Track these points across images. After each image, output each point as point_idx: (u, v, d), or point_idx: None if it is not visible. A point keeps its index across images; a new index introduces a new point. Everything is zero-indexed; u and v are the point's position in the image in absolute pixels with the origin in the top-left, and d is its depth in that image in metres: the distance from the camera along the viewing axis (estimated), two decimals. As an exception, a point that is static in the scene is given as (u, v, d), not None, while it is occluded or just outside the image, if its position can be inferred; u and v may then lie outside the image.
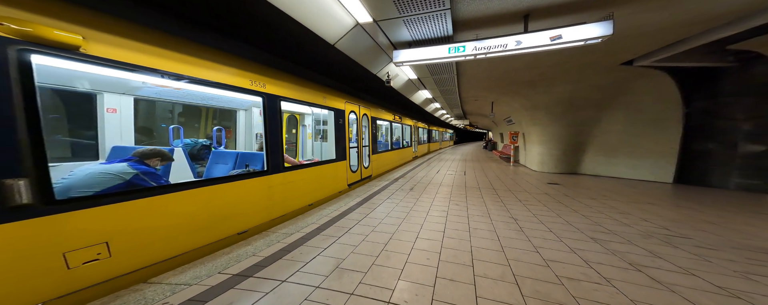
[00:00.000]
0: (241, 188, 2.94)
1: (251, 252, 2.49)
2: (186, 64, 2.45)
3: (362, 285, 2.01)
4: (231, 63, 2.99)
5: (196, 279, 1.99)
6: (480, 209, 4.18)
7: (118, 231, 1.96)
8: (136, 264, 2.05)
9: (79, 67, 2.00)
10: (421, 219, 3.57)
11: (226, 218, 2.75)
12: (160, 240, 2.18)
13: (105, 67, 1.96)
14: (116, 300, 1.74)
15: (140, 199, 2.07)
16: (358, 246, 2.70)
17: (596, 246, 2.81)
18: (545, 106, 8.19)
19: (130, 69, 2.07)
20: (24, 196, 1.58)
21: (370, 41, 4.69)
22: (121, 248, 1.97)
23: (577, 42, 3.46)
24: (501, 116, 14.02)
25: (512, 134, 11.17)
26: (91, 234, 1.84)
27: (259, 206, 3.20)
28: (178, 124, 4.90)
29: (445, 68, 6.58)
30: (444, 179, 7.05)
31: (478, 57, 4.09)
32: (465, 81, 7.93)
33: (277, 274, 2.11)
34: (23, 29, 1.59)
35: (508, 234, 3.13)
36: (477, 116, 19.34)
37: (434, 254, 2.59)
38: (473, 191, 5.55)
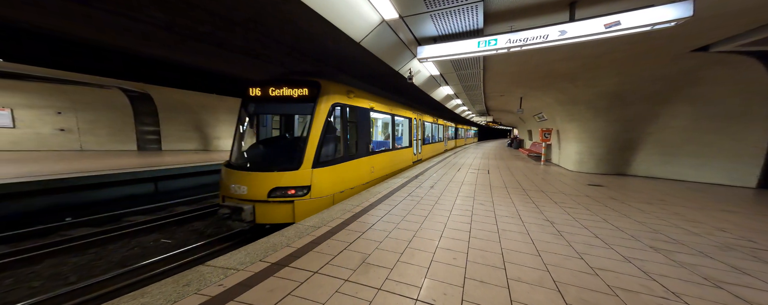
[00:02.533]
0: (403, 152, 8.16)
1: (285, 243, 2.63)
2: (388, 108, 7.00)
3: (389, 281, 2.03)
4: (401, 106, 7.95)
5: (243, 264, 2.18)
6: (508, 210, 3.97)
7: (375, 163, 6.08)
8: (380, 176, 6.34)
9: (377, 113, 6.38)
10: (443, 219, 3.50)
11: (395, 164, 7.45)
12: (386, 167, 6.68)
13: (374, 112, 6.07)
14: (183, 278, 1.97)
15: (380, 154, 6.41)
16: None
17: (657, 257, 2.51)
18: (586, 101, 7.48)
19: (377, 112, 6.33)
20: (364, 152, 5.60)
21: (394, 38, 4.64)
22: (376, 168, 6.14)
23: (641, 28, 3.08)
24: (531, 112, 13.13)
25: (544, 131, 10.40)
26: (372, 162, 5.92)
27: (398, 161, 7.83)
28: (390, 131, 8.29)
29: (471, 63, 6.36)
30: (466, 178, 6.80)
31: (511, 50, 3.88)
32: (491, 76, 7.58)
33: (309, 265, 2.22)
34: (351, 101, 5.01)
35: (543, 238, 2.93)
36: (501, 112, 18.42)
37: (461, 254, 2.52)
38: (499, 191, 5.29)
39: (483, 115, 20.07)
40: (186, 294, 1.78)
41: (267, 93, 4.40)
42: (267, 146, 4.88)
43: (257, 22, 4.25)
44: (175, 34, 4.73)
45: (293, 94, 4.38)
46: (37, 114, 11.02)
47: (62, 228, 4.92)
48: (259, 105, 4.70)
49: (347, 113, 4.94)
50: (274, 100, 4.43)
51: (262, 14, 3.92)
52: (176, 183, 7.89)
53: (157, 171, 7.38)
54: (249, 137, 4.94)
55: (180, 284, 1.90)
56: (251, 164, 4.33)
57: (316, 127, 4.27)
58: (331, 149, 4.55)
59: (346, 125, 4.95)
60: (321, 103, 4.38)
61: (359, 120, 5.37)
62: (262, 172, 3.95)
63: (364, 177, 5.59)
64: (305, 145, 4.16)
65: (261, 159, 4.49)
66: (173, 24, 4.41)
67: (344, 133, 4.91)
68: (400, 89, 10.22)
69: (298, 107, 4.64)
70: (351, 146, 5.11)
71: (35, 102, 10.87)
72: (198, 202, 7.00)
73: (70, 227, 5.01)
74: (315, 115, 4.31)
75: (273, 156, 4.61)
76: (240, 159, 4.49)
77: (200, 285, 1.89)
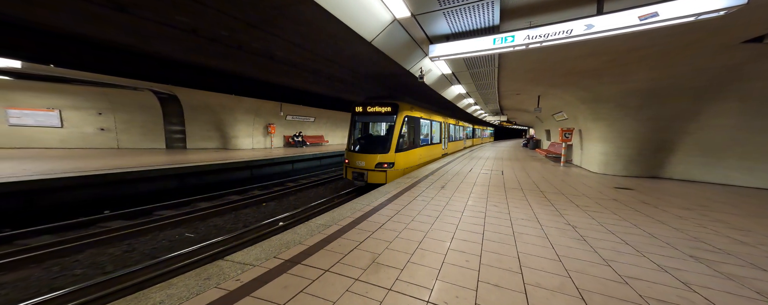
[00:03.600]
0: (437, 147, 11.11)
1: (297, 240, 2.69)
2: (445, 116, 12.15)
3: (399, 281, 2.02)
4: (436, 114, 11.09)
5: (258, 260, 2.25)
6: (525, 212, 3.81)
7: (423, 152, 9.04)
8: (425, 161, 9.28)
9: (424, 120, 9.12)
10: (455, 220, 3.42)
11: (431, 155, 10.21)
12: (428, 156, 9.66)
13: (422, 119, 8.81)
14: (205, 272, 2.07)
15: (425, 147, 9.26)
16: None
17: (699, 267, 2.31)
18: (614, 98, 7.01)
19: (424, 120, 8.98)
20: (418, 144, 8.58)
21: (405, 36, 4.64)
22: (423, 156, 9.12)
23: (683, 19, 2.82)
24: (549, 111, 12.52)
25: (564, 131, 9.88)
26: (421, 152, 8.79)
27: (434, 153, 10.51)
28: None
29: (485, 61, 6.17)
30: (478, 178, 6.61)
31: (530, 46, 3.72)
32: (507, 74, 7.30)
33: (320, 263, 2.25)
34: (413, 113, 7.93)
35: (564, 243, 2.78)
36: (517, 111, 17.72)
37: (474, 256, 2.45)
38: (515, 192, 5.09)
39: (497, 114, 19.47)
40: (207, 288, 1.87)
41: (366, 109, 7.72)
42: (373, 139, 8.27)
43: (272, 24, 4.37)
44: (199, 37, 4.98)
45: (383, 110, 7.56)
46: (81, 115, 12.10)
47: (101, 220, 5.36)
48: (363, 116, 7.95)
49: (411, 121, 7.99)
50: (372, 113, 7.74)
51: (276, 16, 4.02)
52: (207, 178, 8.37)
53: (187, 168, 7.85)
54: (359, 135, 8.39)
55: (201, 277, 2.00)
56: (366, 148, 7.64)
57: (397, 130, 7.31)
58: (403, 142, 7.59)
59: (410, 128, 7.95)
60: (399, 115, 7.41)
61: (416, 125, 8.41)
62: (372, 154, 7.21)
63: (418, 161, 8.75)
64: (392, 139, 7.26)
65: (371, 147, 7.67)
66: (198, 28, 4.65)
67: (409, 132, 7.92)
68: (410, 89, 10.19)
69: (386, 118, 7.70)
70: (415, 140, 8.38)
71: (80, 104, 11.93)
72: (219, 199, 7.35)
73: (108, 219, 5.45)
74: (396, 123, 7.35)
75: (377, 145, 7.60)
76: (359, 147, 7.78)
77: (219, 280, 1.97)
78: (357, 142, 7.96)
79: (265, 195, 7.47)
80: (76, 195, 5.98)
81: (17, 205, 5.28)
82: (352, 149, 7.66)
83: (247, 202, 6.76)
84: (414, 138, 8.25)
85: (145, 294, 1.80)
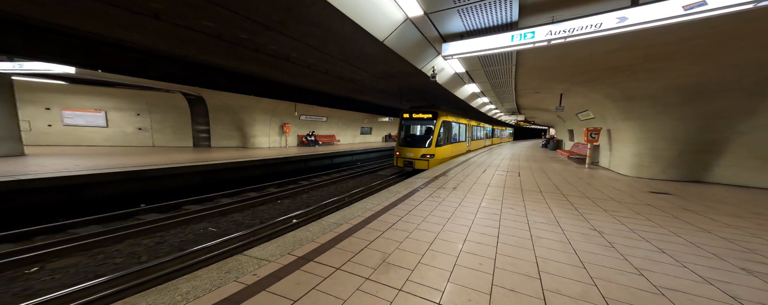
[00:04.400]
0: (463, 144, 13.74)
1: (310, 237, 2.75)
2: (469, 120, 14.71)
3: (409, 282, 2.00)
4: (463, 117, 13.56)
5: (274, 256, 2.34)
6: (544, 216, 3.63)
7: (453, 148, 11.67)
8: (454, 155, 11.82)
9: (454, 123, 11.97)
10: (467, 222, 3.33)
11: (459, 150, 12.85)
12: (456, 151, 12.21)
13: (453, 123, 11.72)
14: (225, 265, 2.19)
15: (454, 144, 11.84)
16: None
17: (751, 281, 2.09)
18: (649, 96, 6.46)
19: (455, 123, 11.88)
20: (450, 142, 11.31)
21: (417, 35, 4.60)
22: (453, 151, 11.74)
23: (738, 6, 2.53)
24: (573, 109, 11.78)
25: (590, 130, 9.24)
26: (452, 147, 11.48)
27: (461, 149, 13.26)
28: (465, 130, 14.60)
29: (502, 59, 5.94)
30: (492, 180, 6.37)
31: (552, 42, 3.53)
32: (525, 71, 6.97)
33: (332, 261, 2.29)
34: (448, 118, 10.84)
35: (589, 249, 2.62)
36: (535, 111, 16.91)
37: (488, 259, 2.37)
38: (533, 195, 4.86)
39: (513, 113, 18.73)
40: (227, 281, 1.96)
41: (412, 115, 10.65)
42: (419, 138, 10.73)
43: (287, 26, 4.50)
44: (222, 41, 5.26)
45: (426, 116, 10.36)
46: (123, 115, 13.24)
47: (138, 213, 5.84)
48: (410, 120, 10.83)
49: (446, 124, 10.71)
50: (416, 119, 10.62)
51: (291, 18, 4.14)
52: (227, 175, 8.86)
53: (210, 165, 8.35)
54: (406, 134, 11.17)
55: (223, 271, 2.11)
56: (413, 143, 10.30)
57: (436, 131, 10.02)
58: (440, 139, 10.20)
59: (445, 129, 10.60)
60: (438, 120, 10.14)
61: (449, 127, 11.09)
62: (418, 147, 9.98)
63: (450, 154, 11.32)
64: (433, 137, 9.96)
65: (417, 143, 10.29)
66: (221, 32, 4.91)
67: (444, 133, 10.52)
68: (421, 88, 10.07)
69: (429, 122, 10.41)
70: (449, 138, 11.06)
71: (121, 105, 13.07)
72: (238, 195, 7.72)
73: (144, 212, 5.92)
74: (436, 126, 10.08)
75: (422, 141, 10.26)
76: (407, 142, 10.52)
77: (238, 274, 2.07)
78: (406, 139, 10.82)
79: (279, 192, 7.75)
80: (118, 189, 6.56)
81: (69, 197, 5.89)
82: (402, 144, 10.52)
83: (264, 199, 7.04)
84: (448, 137, 10.96)
85: (174, 284, 1.92)
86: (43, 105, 11.83)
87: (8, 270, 3.55)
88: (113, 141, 13.20)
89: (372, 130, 25.87)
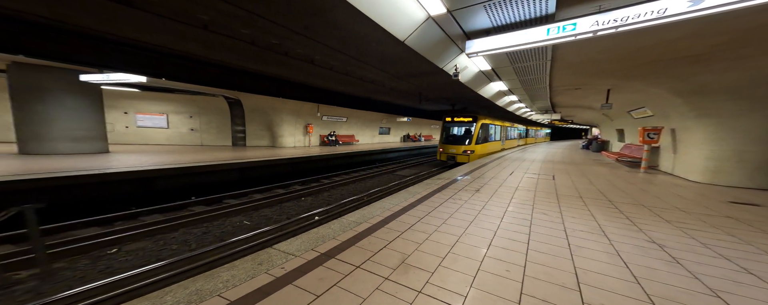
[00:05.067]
0: (497, 143, 15.90)
1: (331, 235, 2.85)
2: (503, 122, 16.94)
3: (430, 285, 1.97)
4: (498, 120, 15.87)
5: (299, 251, 2.47)
6: (586, 223, 3.29)
7: (488, 146, 13.86)
8: (489, 152, 13.88)
9: (491, 125, 14.43)
10: (492, 226, 3.16)
11: (494, 148, 15.14)
12: (491, 149, 14.32)
13: (490, 124, 14.06)
14: (258, 257, 2.36)
15: (490, 142, 14.09)
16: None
17: None
18: (729, 89, 5.49)
19: (491, 124, 14.23)
20: (486, 140, 13.77)
21: (439, 34, 4.49)
22: (488, 149, 13.91)
23: None
24: (624, 106, 10.40)
25: (647, 130, 8.06)
26: (488, 145, 13.88)
27: (496, 147, 15.49)
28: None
29: (535, 54, 5.50)
30: (521, 183, 5.92)
31: (599, 34, 3.16)
32: (562, 66, 6.34)
33: (352, 259, 2.35)
34: (486, 120, 13.19)
35: (645, 263, 2.32)
36: (574, 108, 15.29)
37: (516, 267, 2.23)
38: (571, 200, 4.42)
39: (547, 112, 17.26)
40: (259, 273, 2.11)
41: (454, 119, 13.09)
42: (459, 136, 13.04)
43: (312, 30, 4.67)
44: (256, 46, 5.65)
45: (467, 120, 12.64)
46: (179, 118, 14.98)
47: (189, 205, 6.59)
48: (452, 123, 13.27)
49: (484, 126, 12.80)
50: (458, 122, 13.01)
51: (315, 22, 4.28)
52: (259, 172, 9.58)
53: (245, 163, 9.08)
54: (448, 134, 13.47)
55: (256, 262, 2.28)
56: (455, 142, 12.76)
57: (476, 131, 12.19)
58: (479, 138, 12.31)
59: (483, 130, 12.70)
60: (477, 123, 12.31)
61: (486, 128, 13.24)
62: (460, 145, 12.46)
63: (486, 151, 13.43)
64: (473, 136, 12.17)
65: (458, 140, 12.72)
66: (256, 39, 5.28)
67: (482, 133, 12.66)
68: (442, 88, 9.73)
69: (468, 124, 12.64)
70: (486, 138, 13.31)
71: (178, 108, 14.79)
72: (268, 191, 8.25)
73: (194, 204, 6.65)
74: (475, 127, 12.25)
75: (462, 140, 12.61)
76: (450, 140, 13.03)
77: (269, 266, 2.21)
78: (448, 138, 13.29)
79: (303, 190, 8.16)
80: (175, 183, 7.48)
81: (140, 189, 6.87)
82: (445, 142, 13.12)
83: (289, 196, 7.49)
84: (485, 136, 13.20)
85: (217, 272, 2.12)
86: (122, 109, 13.91)
87: (95, 250, 4.26)
88: (172, 140, 15.03)
89: (390, 130, 25.87)
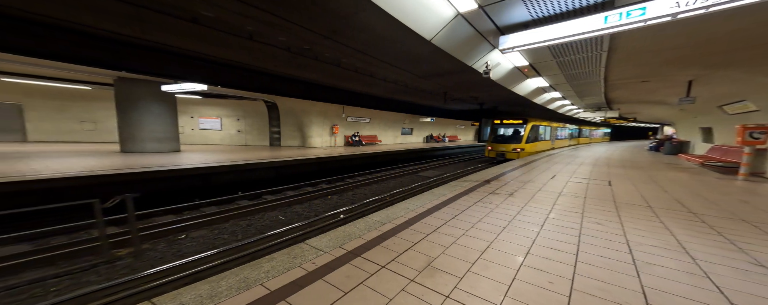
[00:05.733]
0: (547, 142, 17.28)
1: (357, 234, 2.89)
2: (550, 122, 17.83)
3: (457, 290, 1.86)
4: (546, 121, 17.11)
5: (328, 248, 2.55)
6: (659, 238, 2.82)
7: (537, 145, 15.15)
8: (537, 150, 15.15)
9: (541, 126, 15.75)
10: (530, 234, 2.89)
11: (544, 147, 16.41)
12: (540, 147, 15.56)
13: (539, 126, 15.50)
14: (292, 251, 2.50)
15: (539, 141, 15.43)
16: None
17: None
18: None
19: (541, 126, 15.70)
20: (536, 140, 15.09)
21: (469, 31, 4.29)
22: (537, 148, 15.17)
23: None
24: (714, 100, 8.61)
25: (748, 128, 6.54)
26: (537, 144, 15.05)
27: (545, 146, 16.93)
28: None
29: (586, 46, 4.89)
30: (566, 188, 5.28)
31: (679, 17, 2.70)
32: (623, 57, 5.52)
33: (377, 258, 2.35)
34: (535, 123, 14.66)
35: (748, 289, 1.91)
36: (637, 105, 13.29)
37: (562, 279, 2.01)
38: (636, 210, 3.81)
39: (599, 109, 15.25)
40: (294, 266, 2.23)
41: (503, 121, 14.84)
42: (507, 136, 14.53)
43: (340, 34, 4.78)
44: (291, 52, 6.01)
45: (517, 122, 14.24)
46: (229, 121, 16.72)
47: (236, 199, 7.31)
48: (501, 125, 14.94)
49: (533, 127, 14.15)
50: (507, 124, 14.71)
51: (343, 25, 4.36)
52: (291, 170, 10.28)
53: (280, 162, 9.77)
54: (495, 134, 15.10)
55: (291, 256, 2.41)
56: (504, 141, 14.33)
57: (526, 132, 13.60)
58: (529, 138, 13.75)
59: (532, 130, 14.01)
60: (528, 124, 13.74)
61: (536, 129, 14.61)
62: (510, 143, 13.84)
63: (535, 149, 14.67)
64: (524, 136, 13.60)
65: (508, 140, 14.20)
66: (291, 45, 5.62)
67: (531, 133, 13.95)
68: (469, 86, 9.22)
69: (519, 126, 14.10)
70: (536, 137, 14.73)
71: (228, 112, 16.53)
72: (298, 189, 8.66)
73: (240, 199, 7.36)
74: (526, 128, 13.66)
75: (511, 139, 14.09)
76: (498, 139, 14.69)
77: (302, 260, 2.33)
78: (497, 138, 14.81)
79: (329, 188, 8.57)
80: (226, 179, 8.38)
81: (201, 183, 7.88)
82: (494, 141, 14.60)
83: (317, 194, 7.88)
84: (535, 136, 14.56)
85: (259, 262, 2.30)
86: (189, 114, 16.05)
87: (169, 235, 4.97)
88: (224, 141, 16.87)
89: (413, 130, 25.41)
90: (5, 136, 12.60)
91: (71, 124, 14.10)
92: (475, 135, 35.39)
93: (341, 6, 3.66)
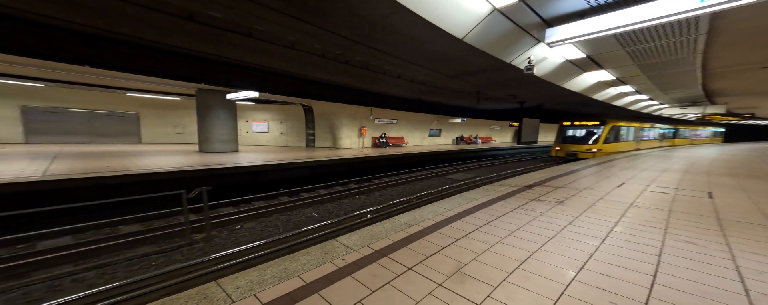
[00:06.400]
0: (630, 143, 17.33)
1: (384, 234, 2.92)
2: (625, 123, 16.68)
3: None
4: (628, 122, 17.09)
5: (356, 246, 2.64)
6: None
7: (618, 145, 15.50)
8: (620, 151, 15.50)
9: (622, 127, 16.33)
10: (586, 247, 2.60)
11: (626, 147, 16.57)
12: (622, 147, 15.93)
13: (621, 127, 15.96)
14: (325, 247, 2.65)
15: (621, 142, 15.79)
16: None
17: None
18: None
19: (622, 126, 16.00)
20: (616, 140, 15.42)
21: (508, 26, 4.04)
22: (618, 148, 15.49)
23: None
24: None
25: None
26: (618, 145, 15.43)
27: (628, 146, 16.93)
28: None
29: (673, 30, 4.19)
30: (639, 198, 4.56)
31: None
32: (730, 40, 4.67)
33: (404, 259, 2.35)
34: (615, 123, 14.74)
35: None
36: (754, 97, 10.87)
37: (630, 301, 1.77)
38: (752, 229, 3.15)
39: (693, 104, 12.59)
40: (325, 261, 2.36)
41: (573, 123, 15.25)
42: (579, 137, 14.77)
43: (369, 37, 4.87)
44: (325, 58, 6.33)
45: (592, 123, 14.52)
46: (274, 124, 18.27)
47: (279, 195, 7.95)
48: (572, 126, 15.28)
49: (613, 128, 14.49)
50: (578, 125, 15.05)
51: (373, 29, 4.43)
52: (323, 170, 10.83)
53: (314, 162, 10.33)
54: (563, 135, 15.42)
55: (323, 251, 2.55)
56: (575, 141, 14.71)
57: (604, 133, 13.87)
58: (608, 139, 14.08)
59: (611, 131, 14.31)
60: (606, 125, 14.01)
61: (616, 130, 14.88)
62: (583, 144, 14.24)
63: (615, 150, 14.95)
64: (601, 136, 13.86)
65: (579, 140, 14.61)
66: (325, 51, 5.92)
67: (610, 134, 14.21)
68: (506, 84, 8.55)
69: (595, 127, 14.28)
70: (616, 138, 15.09)
71: (273, 116, 18.08)
72: (329, 188, 8.96)
73: (281, 195, 7.99)
74: (603, 129, 13.91)
75: (587, 139, 14.34)
76: (570, 140, 14.95)
77: (333, 256, 2.45)
78: (567, 138, 15.13)
79: (358, 188, 8.80)
80: (270, 177, 9.20)
81: (252, 180, 8.80)
82: (563, 142, 15.03)
83: (347, 194, 8.14)
84: (615, 137, 14.81)
85: (297, 255, 2.48)
86: (244, 118, 18.04)
87: (230, 225, 5.66)
88: (270, 142, 18.49)
89: (441, 131, 24.39)
90: (129, 138, 16.14)
91: (168, 128, 17.33)
92: (513, 136, 32.66)
93: (372, 11, 3.75)
